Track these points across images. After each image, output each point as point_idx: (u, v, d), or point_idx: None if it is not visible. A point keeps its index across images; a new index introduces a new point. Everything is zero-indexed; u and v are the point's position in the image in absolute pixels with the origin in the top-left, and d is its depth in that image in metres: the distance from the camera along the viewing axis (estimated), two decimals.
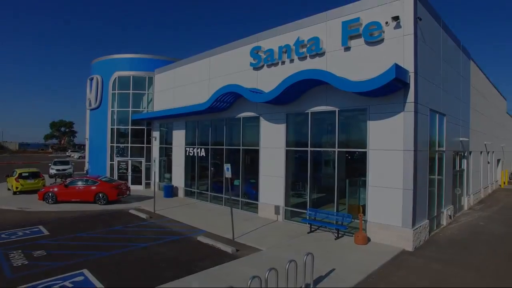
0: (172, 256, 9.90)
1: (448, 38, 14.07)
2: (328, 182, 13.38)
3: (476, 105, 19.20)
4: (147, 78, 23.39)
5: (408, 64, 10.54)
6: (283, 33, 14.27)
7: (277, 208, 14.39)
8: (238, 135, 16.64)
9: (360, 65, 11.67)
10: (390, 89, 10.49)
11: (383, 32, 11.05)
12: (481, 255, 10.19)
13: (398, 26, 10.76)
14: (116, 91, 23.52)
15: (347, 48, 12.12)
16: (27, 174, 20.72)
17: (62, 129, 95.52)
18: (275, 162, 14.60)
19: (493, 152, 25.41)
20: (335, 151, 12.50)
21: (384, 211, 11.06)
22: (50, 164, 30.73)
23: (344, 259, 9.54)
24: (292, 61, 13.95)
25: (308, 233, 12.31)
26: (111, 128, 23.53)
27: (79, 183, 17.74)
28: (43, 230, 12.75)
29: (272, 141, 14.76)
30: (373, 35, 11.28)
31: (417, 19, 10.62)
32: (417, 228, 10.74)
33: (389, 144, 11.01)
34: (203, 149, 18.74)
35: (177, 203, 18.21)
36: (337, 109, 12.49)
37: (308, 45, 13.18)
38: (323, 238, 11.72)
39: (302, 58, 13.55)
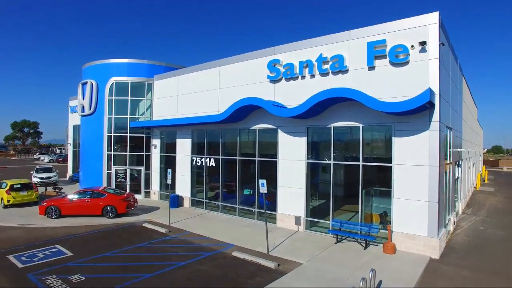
0: (219, 275, 9.95)
1: (453, 58, 15.29)
2: (349, 193, 14.05)
3: (465, 116, 20.94)
4: (146, 84, 22.75)
5: (433, 87, 11.39)
6: (303, 48, 14.68)
7: (297, 219, 14.81)
8: (254, 147, 16.84)
9: (384, 84, 12.40)
10: (418, 109, 11.29)
11: (409, 55, 11.85)
12: (499, 261, 11.31)
13: (423, 50, 11.59)
14: (113, 97, 22.62)
15: (371, 68, 12.81)
16: (19, 185, 19.35)
17: (26, 129, 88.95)
18: (295, 174, 15.00)
19: (470, 157, 27.73)
20: (359, 165, 13.17)
21: (409, 221, 11.88)
22: (32, 172, 28.79)
23: (385, 269, 10.15)
24: (313, 76, 14.41)
25: (335, 243, 12.86)
26: (108, 136, 22.60)
27: (85, 196, 16.95)
28: (63, 250, 12.14)
29: (292, 153, 15.14)
30: (398, 57, 12.04)
31: (440, 44, 11.52)
32: (441, 237, 11.68)
33: (414, 159, 11.83)
34: (212, 159, 18.69)
35: (187, 214, 18.00)
36: (361, 125, 13.14)
37: (331, 62, 13.71)
38: (352, 248, 12.32)
39: (324, 74, 14.05)
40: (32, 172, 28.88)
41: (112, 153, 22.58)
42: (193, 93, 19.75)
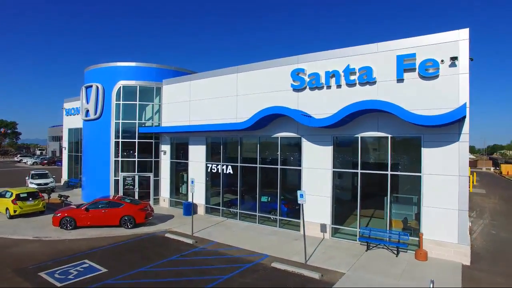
0: None
1: None
2: (375, 201, 14.44)
3: None
4: (154, 88, 22.28)
5: (463, 100, 11.91)
6: (329, 59, 14.91)
7: (323, 226, 15.04)
8: (275, 154, 16.92)
9: (413, 97, 12.83)
10: (451, 122, 11.77)
11: (439, 69, 12.32)
12: None
13: (453, 64, 12.09)
14: (121, 102, 21.99)
15: (400, 80, 13.21)
16: (25, 194, 18.45)
17: (2, 129, 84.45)
18: (320, 182, 15.22)
19: None
20: (387, 174, 13.56)
21: (439, 229, 12.37)
22: (27, 178, 27.48)
23: (425, 277, 10.52)
24: (339, 86, 14.67)
25: (366, 251, 13.18)
26: (115, 141, 21.96)
27: (102, 206, 16.41)
28: (95, 265, 11.74)
29: (317, 162, 15.35)
30: (428, 71, 12.50)
31: (470, 59, 12.06)
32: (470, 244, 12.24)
33: (443, 169, 12.32)
34: (230, 166, 18.61)
35: (206, 222, 17.82)
36: (389, 136, 13.53)
37: (359, 73, 14.01)
38: (384, 255, 12.68)
39: (351, 84, 14.34)
40: (27, 178, 27.56)
41: (120, 159, 21.96)
42: (208, 99, 19.55)
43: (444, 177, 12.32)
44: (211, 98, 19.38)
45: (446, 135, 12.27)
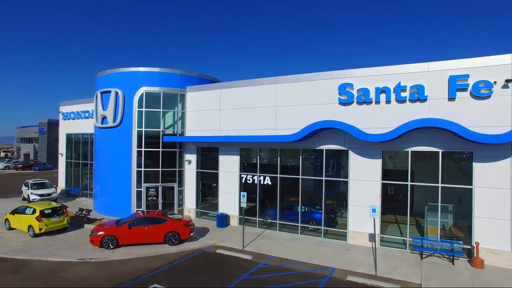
0: None
1: None
2: (421, 210, 15.28)
3: None
4: (178, 95, 21.57)
5: None
6: (378, 75, 15.44)
7: (371, 236, 15.60)
8: (319, 166, 17.19)
9: (463, 115, 13.72)
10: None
11: (492, 89, 13.30)
12: None
13: (506, 86, 13.12)
14: (143, 109, 21.02)
15: (452, 99, 14.06)
16: (49, 210, 17.06)
17: None
18: (367, 193, 15.74)
19: None
20: (438, 186, 14.39)
21: (491, 238, 13.39)
22: (26, 189, 25.31)
23: (495, 284, 11.38)
24: (388, 102, 15.26)
25: (421, 259, 13.91)
26: (138, 150, 20.96)
27: (145, 223, 15.64)
28: None
29: (364, 174, 15.86)
30: (481, 91, 13.44)
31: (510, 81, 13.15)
32: None
33: (495, 183, 13.35)
34: (268, 177, 18.58)
35: (247, 235, 17.55)
36: (440, 150, 14.37)
37: (411, 91, 14.68)
38: (440, 263, 13.46)
39: (401, 101, 14.98)
40: (26, 188, 25.36)
41: (143, 169, 21.00)
42: (242, 108, 19.31)
43: (496, 190, 13.35)
44: (246, 108, 19.16)
45: (498, 151, 13.29)
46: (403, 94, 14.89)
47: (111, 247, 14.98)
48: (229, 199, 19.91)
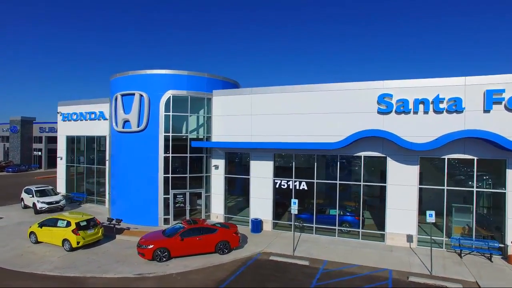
0: None
1: None
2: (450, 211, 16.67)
3: None
4: (205, 99, 21.22)
5: None
6: (417, 87, 16.48)
7: (409, 237, 16.74)
8: (357, 172, 17.98)
9: (497, 126, 15.14)
10: None
11: None
12: None
13: None
14: (170, 113, 20.43)
15: (487, 111, 15.44)
16: (84, 222, 16.15)
17: None
18: (405, 197, 16.82)
19: None
20: (473, 191, 15.82)
21: None
22: (30, 196, 23.46)
23: None
24: (426, 112, 16.38)
25: (461, 257, 15.25)
26: (165, 156, 20.36)
27: (196, 233, 15.41)
28: None
29: (402, 179, 16.90)
30: None
31: None
32: None
33: None
34: (304, 182, 19.04)
35: (286, 239, 18.00)
36: (475, 158, 15.75)
37: (449, 103, 15.89)
38: (480, 261, 14.84)
39: (438, 112, 16.14)
40: (30, 196, 23.51)
41: (170, 175, 20.46)
42: (274, 114, 19.52)
43: None
44: (279, 114, 19.39)
45: None
46: (441, 106, 16.05)
47: (163, 260, 14.60)
48: (262, 204, 20.11)
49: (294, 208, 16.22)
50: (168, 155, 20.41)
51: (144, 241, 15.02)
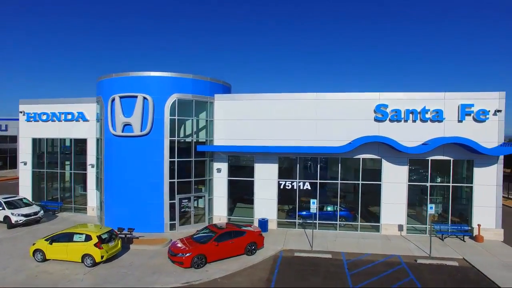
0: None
1: None
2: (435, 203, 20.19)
3: None
4: (208, 103, 21.27)
5: (500, 139, 18.76)
6: (407, 99, 19.42)
7: (400, 226, 19.78)
8: (356, 172, 20.32)
9: (467, 133, 18.81)
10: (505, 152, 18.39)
11: (487, 116, 18.75)
12: None
13: (495, 113, 18.74)
14: (176, 117, 20.01)
15: (460, 121, 19.06)
16: (105, 235, 15.20)
17: None
18: (397, 193, 19.77)
19: None
20: (449, 186, 19.44)
21: (484, 220, 19.02)
22: (0, 209, 20.42)
23: (498, 251, 16.72)
24: (414, 121, 19.44)
25: (442, 240, 18.71)
26: (170, 161, 19.91)
27: (228, 237, 15.84)
28: None
29: (394, 177, 19.79)
30: (480, 117, 18.77)
31: (498, 111, 18.87)
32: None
33: (487, 181, 18.95)
34: (307, 183, 20.71)
35: (296, 236, 19.47)
36: (451, 159, 19.35)
37: (433, 114, 19.13)
38: (458, 242, 18.40)
39: (423, 121, 19.31)
40: (0, 208, 20.44)
41: (176, 180, 20.12)
42: (278, 119, 20.69)
43: (488, 187, 19.02)
44: (283, 120, 20.61)
45: (490, 159, 18.90)
46: (427, 116, 19.22)
47: (201, 266, 14.78)
48: (266, 204, 21.20)
49: (313, 207, 17.77)
50: (173, 159, 20.03)
51: (176, 250, 14.94)
